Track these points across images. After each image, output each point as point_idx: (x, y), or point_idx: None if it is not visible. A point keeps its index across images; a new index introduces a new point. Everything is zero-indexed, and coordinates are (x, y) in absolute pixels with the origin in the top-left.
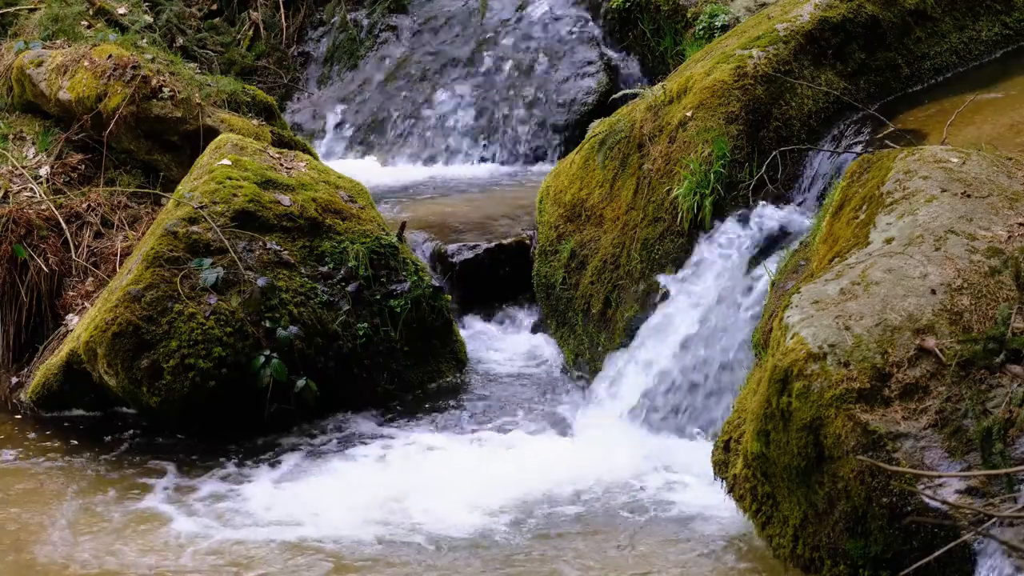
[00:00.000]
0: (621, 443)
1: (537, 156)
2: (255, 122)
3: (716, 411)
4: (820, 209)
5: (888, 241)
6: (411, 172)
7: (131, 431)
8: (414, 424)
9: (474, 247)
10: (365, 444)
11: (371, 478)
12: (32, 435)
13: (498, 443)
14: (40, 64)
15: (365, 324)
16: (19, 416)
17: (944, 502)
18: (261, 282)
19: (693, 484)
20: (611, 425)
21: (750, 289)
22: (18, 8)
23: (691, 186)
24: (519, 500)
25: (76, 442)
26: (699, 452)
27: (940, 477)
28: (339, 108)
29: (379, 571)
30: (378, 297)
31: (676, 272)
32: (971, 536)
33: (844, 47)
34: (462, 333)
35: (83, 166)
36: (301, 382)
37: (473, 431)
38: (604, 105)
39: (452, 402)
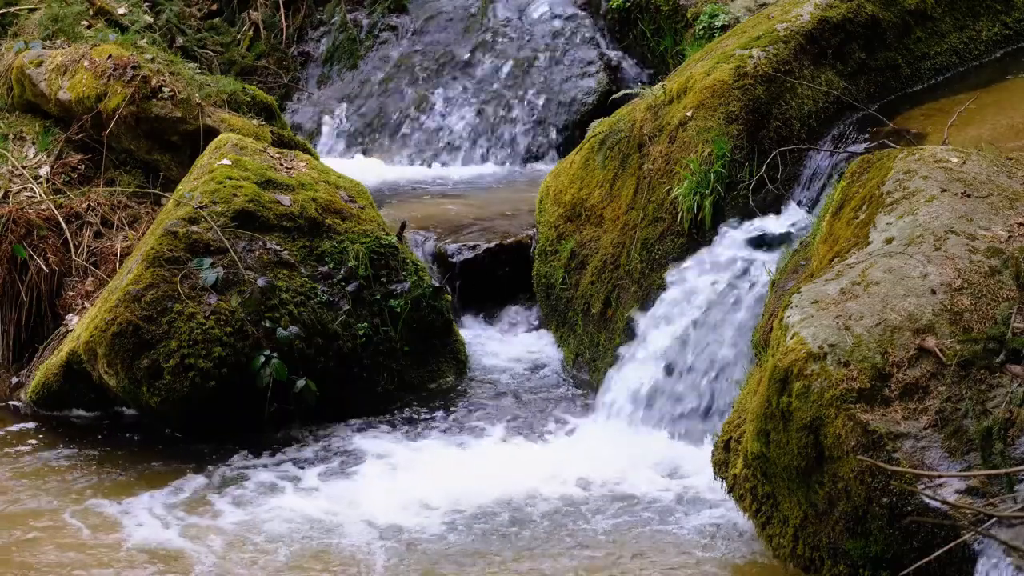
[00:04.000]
0: (620, 443)
1: (537, 156)
2: (255, 122)
3: (713, 412)
4: (820, 209)
5: (888, 241)
6: (411, 172)
7: (131, 431)
8: (414, 424)
9: (474, 247)
10: (364, 445)
11: (371, 479)
12: (32, 435)
13: (498, 444)
14: (40, 64)
15: (365, 324)
16: (19, 416)
17: (944, 502)
18: (261, 282)
19: (692, 484)
20: (611, 425)
21: (748, 289)
22: (18, 8)
23: (691, 186)
24: (519, 501)
25: (76, 442)
26: (698, 452)
27: (940, 477)
28: (339, 108)
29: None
30: (378, 297)
31: (675, 270)
32: (971, 536)
33: (844, 47)
34: (462, 333)
35: (83, 166)
36: (301, 382)
37: (473, 432)
38: (604, 105)
39: (452, 402)
